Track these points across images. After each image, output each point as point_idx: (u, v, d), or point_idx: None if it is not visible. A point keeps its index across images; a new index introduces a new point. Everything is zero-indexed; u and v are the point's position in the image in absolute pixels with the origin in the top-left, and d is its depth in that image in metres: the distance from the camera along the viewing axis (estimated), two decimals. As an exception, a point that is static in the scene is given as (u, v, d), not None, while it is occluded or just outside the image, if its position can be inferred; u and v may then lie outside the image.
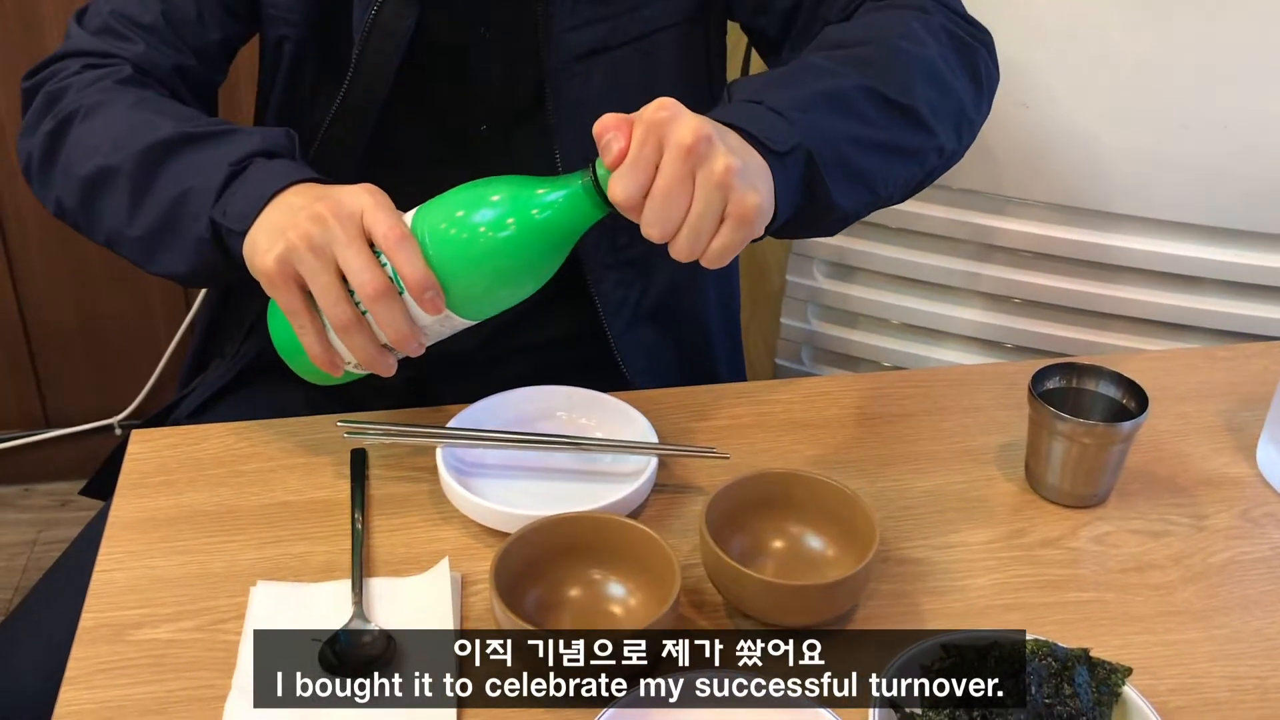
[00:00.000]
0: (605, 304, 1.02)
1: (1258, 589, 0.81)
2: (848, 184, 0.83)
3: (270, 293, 0.77)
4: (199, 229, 0.83)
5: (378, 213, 0.75)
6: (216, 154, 0.84)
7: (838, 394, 0.99)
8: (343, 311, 0.75)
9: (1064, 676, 0.68)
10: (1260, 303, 1.32)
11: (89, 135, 0.89)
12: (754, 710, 0.68)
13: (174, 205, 0.84)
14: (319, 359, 0.78)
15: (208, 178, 0.83)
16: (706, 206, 0.72)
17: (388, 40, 0.91)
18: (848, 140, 0.83)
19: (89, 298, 1.82)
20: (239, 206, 0.81)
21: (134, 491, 0.86)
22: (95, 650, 0.74)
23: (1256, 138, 1.25)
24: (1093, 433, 0.84)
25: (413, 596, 0.77)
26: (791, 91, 0.82)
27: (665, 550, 0.74)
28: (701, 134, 0.71)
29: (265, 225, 0.78)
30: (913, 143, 0.88)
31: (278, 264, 0.75)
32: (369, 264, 0.74)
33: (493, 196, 0.75)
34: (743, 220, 0.73)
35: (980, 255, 1.41)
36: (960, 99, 0.90)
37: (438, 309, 0.75)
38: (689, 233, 0.72)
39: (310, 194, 0.78)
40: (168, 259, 0.86)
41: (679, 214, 0.72)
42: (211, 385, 1.03)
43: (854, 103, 0.84)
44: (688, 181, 0.71)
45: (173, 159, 0.85)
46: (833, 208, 0.83)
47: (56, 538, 1.87)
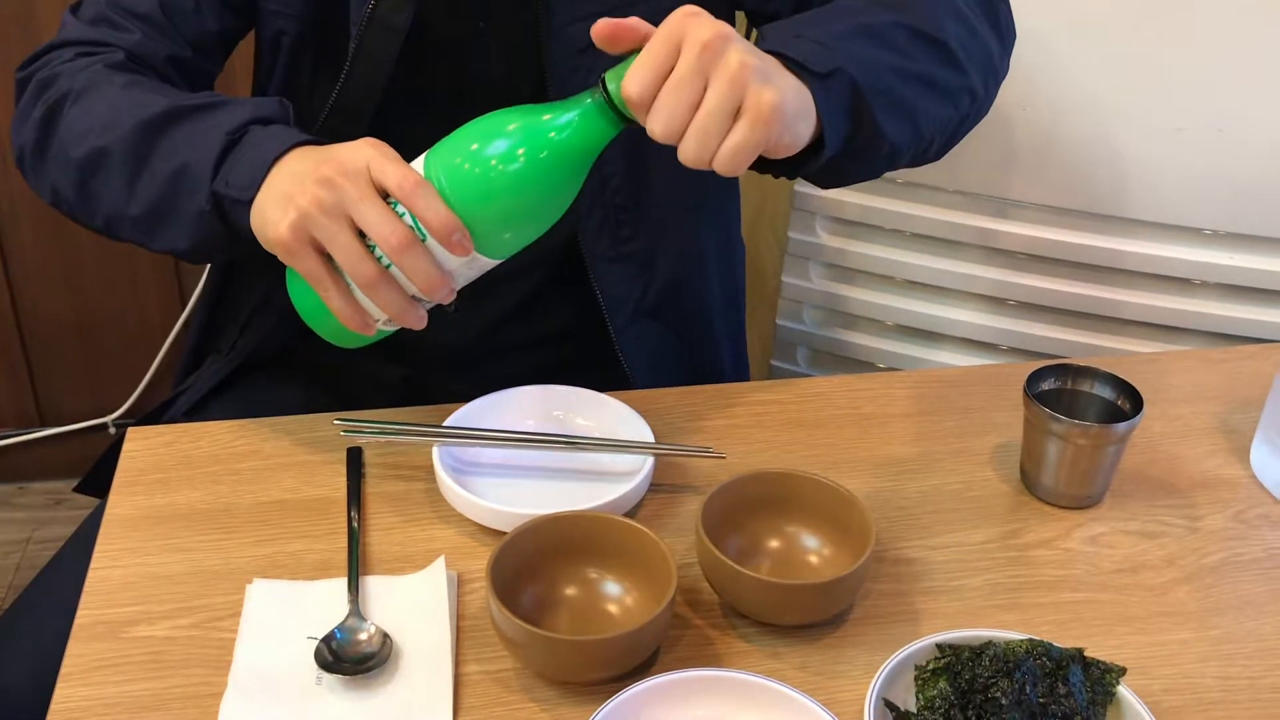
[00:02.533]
0: (607, 299, 1.01)
1: (1251, 590, 0.81)
2: (893, 114, 0.81)
3: (289, 262, 0.76)
4: (199, 202, 0.81)
5: (386, 163, 0.74)
6: (211, 124, 0.83)
7: (833, 394, 0.99)
8: (368, 268, 0.74)
9: (1058, 676, 0.68)
10: (1255, 305, 1.33)
11: (81, 118, 0.88)
12: (750, 709, 0.68)
13: (172, 180, 0.83)
14: (350, 320, 0.77)
15: (204, 149, 0.82)
16: (719, 102, 0.69)
17: (386, 34, 0.91)
18: (888, 70, 0.81)
19: (83, 295, 1.82)
20: (241, 175, 0.80)
21: (130, 489, 0.86)
22: (91, 647, 0.74)
23: (1251, 141, 1.25)
24: (1087, 434, 0.84)
25: (409, 595, 0.78)
26: (827, 26, 0.81)
27: (661, 549, 0.74)
28: (721, 31, 0.69)
29: (272, 194, 0.77)
30: (948, 79, 0.86)
31: (292, 232, 0.74)
32: (387, 216, 0.73)
33: (504, 128, 0.74)
34: (758, 117, 0.69)
35: (976, 257, 1.41)
36: (986, 44, 0.90)
37: (466, 250, 0.74)
38: (697, 130, 0.69)
39: (312, 157, 0.77)
40: (169, 235, 0.85)
41: (687, 109, 0.69)
42: (208, 382, 1.03)
43: (891, 36, 0.83)
44: (700, 77, 0.69)
45: (167, 133, 0.84)
46: (881, 138, 0.81)
47: (50, 536, 1.86)
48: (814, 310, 1.54)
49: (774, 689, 0.68)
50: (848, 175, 0.86)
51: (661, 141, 0.71)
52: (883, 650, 0.72)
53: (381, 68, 0.92)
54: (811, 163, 0.78)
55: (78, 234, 1.76)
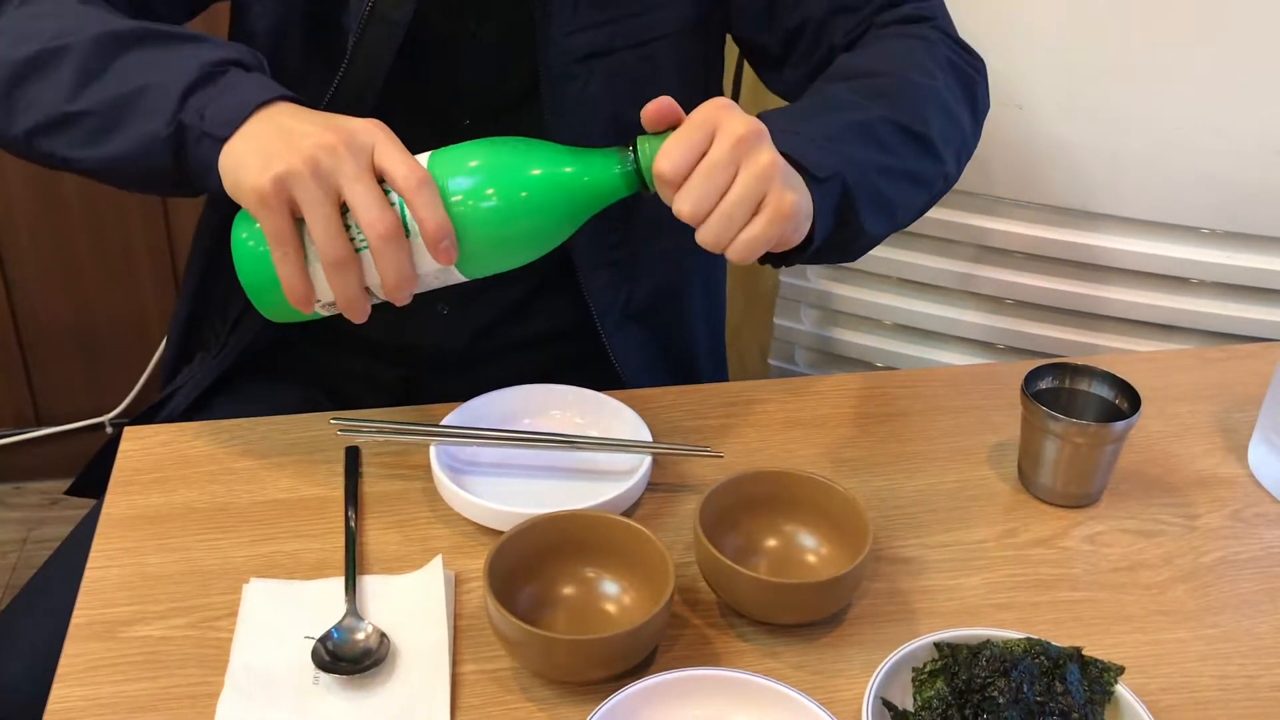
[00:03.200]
0: (596, 303, 1.02)
1: (1248, 588, 0.81)
2: (876, 211, 0.86)
3: (257, 213, 0.73)
4: (156, 124, 0.77)
5: (395, 152, 0.73)
6: (187, 53, 0.79)
7: (831, 393, 0.99)
8: (340, 246, 0.72)
9: (1055, 674, 0.68)
10: (1252, 304, 1.33)
11: (27, 23, 0.83)
12: (748, 708, 0.68)
13: (130, 97, 0.79)
14: (294, 291, 0.74)
15: (175, 74, 0.78)
16: (745, 193, 0.72)
17: (385, 29, 0.90)
18: (876, 170, 0.86)
19: (80, 295, 1.82)
20: (219, 112, 0.76)
21: (126, 489, 0.86)
22: (87, 647, 0.74)
23: (1249, 140, 1.25)
24: (1085, 433, 0.84)
25: (406, 594, 0.77)
26: (823, 122, 0.85)
27: (659, 548, 0.74)
28: (755, 128, 0.73)
29: (255, 142, 0.74)
30: (928, 171, 0.91)
31: (274, 185, 0.71)
32: (380, 201, 0.71)
33: (524, 159, 0.74)
34: (778, 214, 0.73)
35: (973, 256, 1.41)
36: (963, 128, 0.94)
37: (450, 259, 0.73)
38: (721, 217, 0.72)
39: (314, 119, 0.75)
40: (104, 147, 0.80)
41: (715, 196, 0.72)
42: (202, 381, 1.03)
43: (879, 134, 0.87)
44: (731, 168, 0.72)
45: (133, 50, 0.80)
46: (862, 233, 0.86)
47: (47, 536, 1.86)
48: (811, 309, 1.54)
49: (772, 688, 0.68)
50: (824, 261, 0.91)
51: (685, 221, 0.73)
52: (880, 649, 0.72)
53: (380, 63, 0.91)
54: (796, 256, 0.82)
55: (75, 234, 1.76)
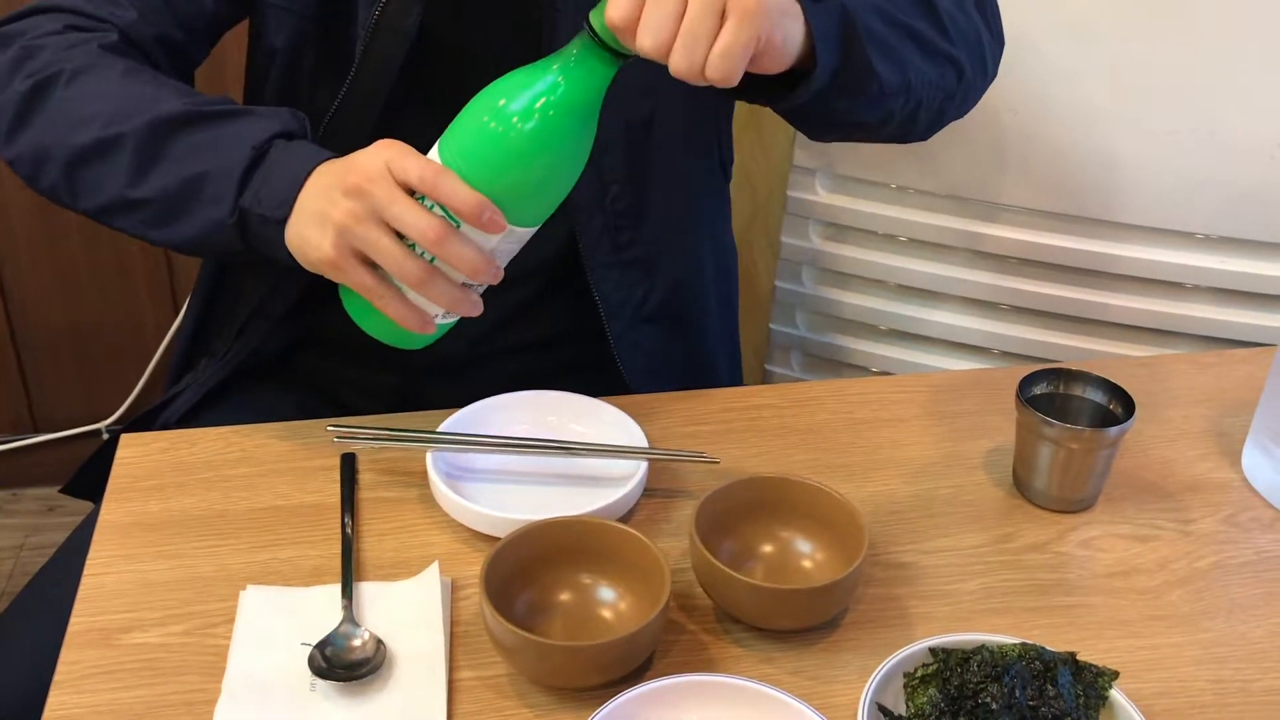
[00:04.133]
0: (606, 304, 1.01)
1: (1243, 593, 0.81)
2: (881, 53, 0.81)
3: (338, 279, 0.78)
4: (220, 212, 0.82)
5: (404, 160, 0.75)
6: (234, 134, 0.84)
7: (826, 399, 0.99)
8: (413, 266, 0.75)
9: (1047, 678, 0.68)
10: (1246, 309, 1.33)
11: (79, 103, 0.86)
12: (744, 714, 0.68)
13: (191, 183, 0.83)
14: (409, 322, 0.78)
15: (229, 160, 0.82)
16: (701, 5, 0.69)
17: (393, 37, 0.91)
18: (875, 10, 0.82)
19: (76, 302, 1.82)
20: (272, 194, 0.81)
21: (123, 495, 0.86)
22: (84, 654, 0.74)
23: (1243, 144, 1.26)
24: (1080, 438, 0.84)
25: (403, 601, 0.77)
26: None
27: (655, 554, 0.74)
28: None
29: (305, 215, 0.79)
30: (935, 41, 0.87)
31: (335, 249, 0.76)
32: (419, 212, 0.74)
33: (504, 94, 0.74)
34: (744, 13, 0.69)
35: (968, 261, 1.42)
36: (975, 26, 0.91)
37: (499, 226, 0.75)
38: (685, 37, 0.69)
39: (334, 171, 0.79)
40: (173, 232, 0.85)
41: (672, 18, 0.69)
42: (203, 386, 1.03)
43: None
44: None
45: (185, 134, 0.84)
46: (872, 73, 0.81)
47: (43, 542, 1.86)
48: (807, 315, 1.54)
49: (768, 694, 0.68)
50: (838, 114, 0.85)
51: (652, 57, 0.70)
52: (876, 655, 0.72)
53: (387, 71, 0.92)
54: (802, 90, 0.78)
55: (72, 240, 1.76)
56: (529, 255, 0.98)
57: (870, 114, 0.85)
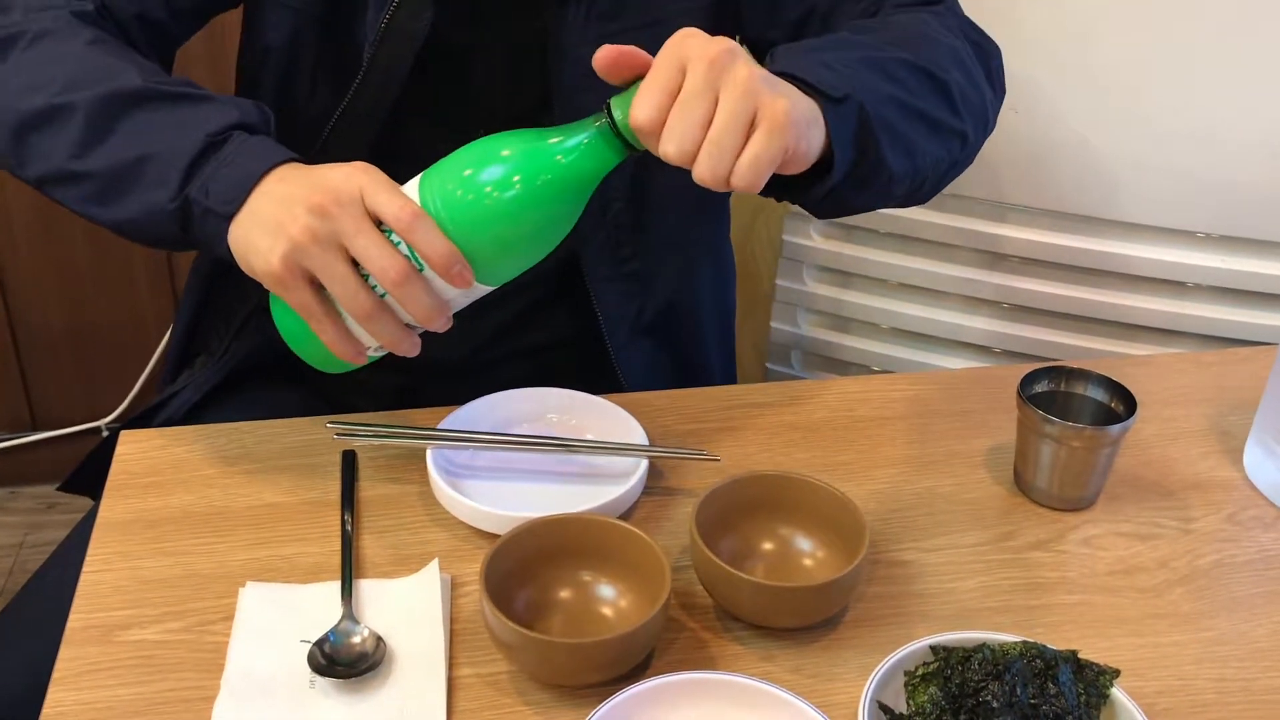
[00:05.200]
0: (607, 316, 1.01)
1: (1244, 591, 0.81)
2: (895, 146, 0.80)
3: (279, 293, 0.74)
4: (163, 197, 0.78)
5: (381, 193, 0.72)
6: (190, 119, 0.79)
7: (827, 397, 0.99)
8: (364, 300, 0.72)
9: (1048, 676, 0.68)
10: (1247, 308, 1.33)
11: (35, 68, 0.83)
12: (744, 712, 0.68)
13: (137, 164, 0.79)
14: (342, 352, 0.75)
15: (180, 144, 0.78)
16: (731, 114, 0.67)
17: (403, 41, 0.89)
18: (892, 102, 0.81)
19: (76, 299, 1.82)
20: (222, 188, 0.76)
21: (122, 492, 0.86)
22: (83, 651, 0.74)
23: (1245, 144, 1.26)
24: (1081, 436, 0.84)
25: (402, 598, 0.77)
26: (836, 51, 0.81)
27: (655, 552, 0.74)
28: (725, 46, 0.68)
29: (258, 219, 0.75)
30: (946, 120, 0.86)
31: (284, 264, 0.72)
32: (385, 249, 0.71)
33: (503, 153, 0.72)
34: (774, 124, 0.68)
35: (969, 260, 1.42)
36: (982, 94, 0.91)
37: (467, 283, 0.72)
38: (711, 145, 0.67)
39: (300, 181, 0.74)
40: (112, 211, 0.81)
41: (699, 126, 0.67)
42: (202, 385, 1.03)
43: (897, 71, 0.82)
44: (709, 93, 0.67)
45: (139, 111, 0.80)
46: (883, 166, 0.80)
47: (43, 540, 1.86)
48: (808, 313, 1.54)
49: (768, 692, 0.68)
50: (847, 204, 0.85)
51: (675, 163, 0.68)
52: (877, 653, 0.72)
53: (395, 75, 0.90)
54: (818, 187, 0.77)
55: (71, 238, 1.76)
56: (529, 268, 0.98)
57: (877, 202, 0.86)
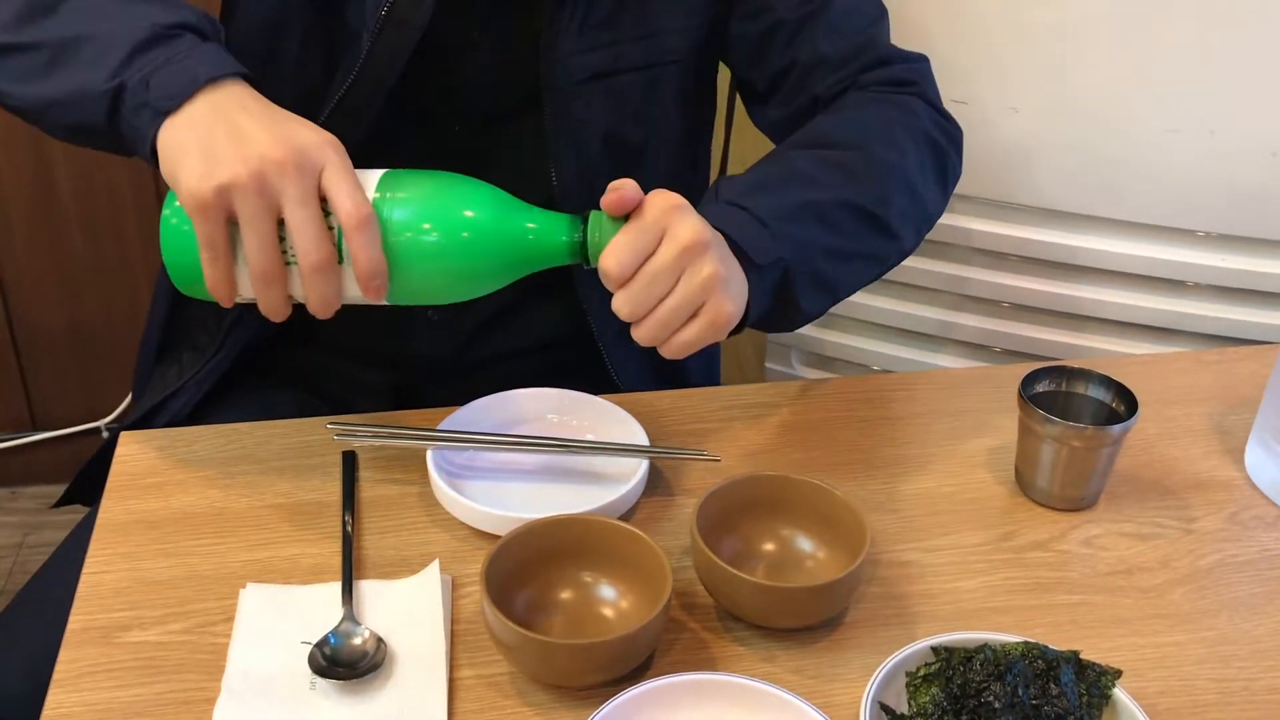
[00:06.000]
0: (596, 316, 1.02)
1: (1245, 591, 0.81)
2: (815, 292, 0.89)
3: (192, 215, 0.71)
4: (95, 79, 0.75)
5: (343, 182, 0.71)
6: (139, 10, 0.77)
7: (828, 397, 0.99)
8: (271, 261, 0.71)
9: (1050, 676, 0.68)
10: (1248, 307, 1.33)
11: None
12: (745, 713, 0.68)
13: (73, 42, 0.77)
14: (217, 289, 0.73)
15: (123, 29, 0.75)
16: (683, 301, 0.74)
17: (401, 33, 0.89)
18: (822, 253, 0.88)
19: (75, 300, 1.82)
20: (165, 82, 0.74)
21: (122, 493, 0.86)
22: (83, 653, 0.74)
23: (1243, 143, 1.25)
24: (1082, 436, 0.84)
25: (403, 599, 0.77)
26: (777, 199, 0.87)
27: (656, 552, 0.74)
28: (702, 238, 0.74)
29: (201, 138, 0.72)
30: (881, 250, 0.93)
31: (215, 194, 0.69)
32: (318, 231, 0.70)
33: (473, 204, 0.74)
34: (713, 324, 0.75)
35: (970, 260, 1.42)
36: (926, 203, 0.96)
37: (379, 297, 0.74)
38: (657, 322, 0.74)
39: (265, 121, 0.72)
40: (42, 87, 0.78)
41: (654, 301, 0.74)
42: (202, 384, 1.02)
43: (833, 216, 0.89)
44: (674, 275, 0.74)
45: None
46: (798, 313, 0.89)
47: (43, 541, 1.86)
48: (808, 313, 1.54)
49: (769, 692, 0.68)
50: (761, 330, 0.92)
51: (624, 319, 0.75)
52: (878, 653, 0.72)
53: (392, 67, 0.90)
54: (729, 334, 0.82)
55: (71, 239, 1.76)
56: None
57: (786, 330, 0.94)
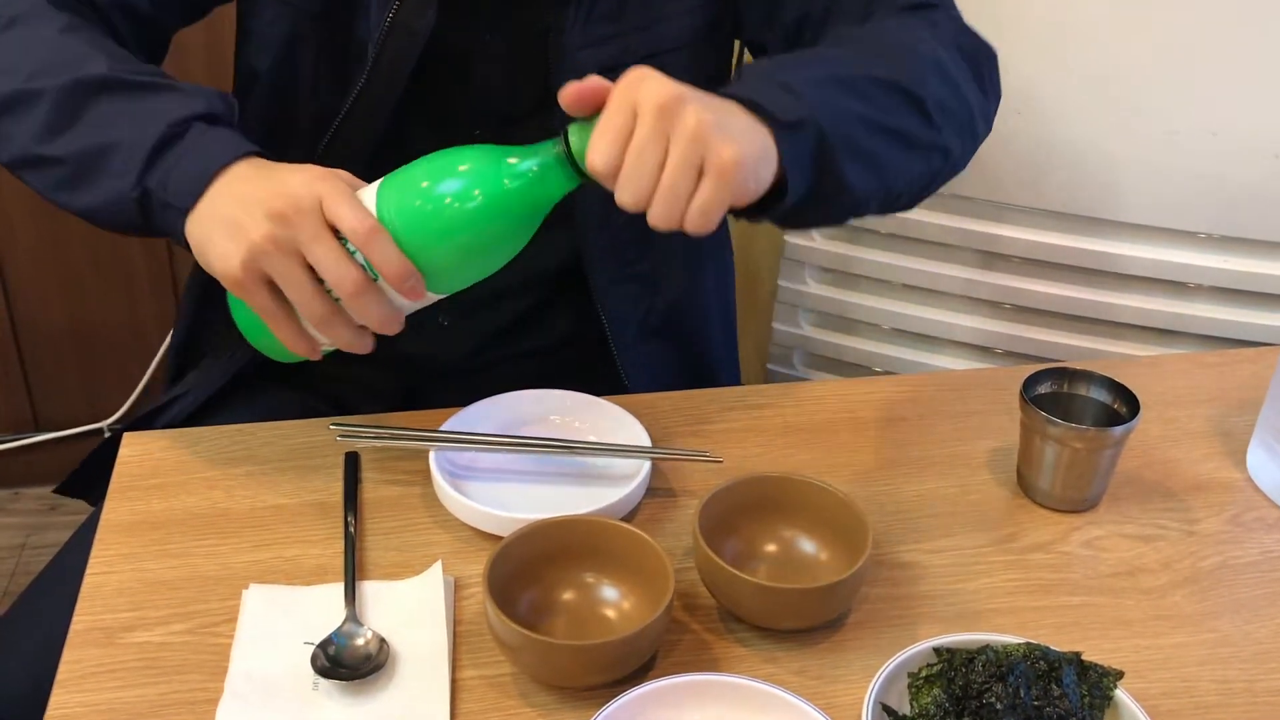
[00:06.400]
0: (612, 318, 1.01)
1: (1247, 593, 0.81)
2: (859, 165, 0.80)
3: (239, 295, 0.76)
4: (122, 186, 0.79)
5: (340, 205, 0.72)
6: (153, 109, 0.80)
7: (830, 398, 0.99)
8: (319, 306, 0.74)
9: (1052, 677, 0.68)
10: (1249, 309, 1.33)
11: (6, 52, 0.84)
12: (747, 713, 0.68)
13: (101, 153, 0.80)
14: (298, 349, 0.77)
15: (141, 132, 0.79)
16: (680, 163, 0.69)
17: (406, 39, 0.89)
18: (858, 120, 0.80)
19: (78, 301, 1.82)
20: (179, 181, 0.77)
21: (126, 494, 0.86)
22: (86, 653, 0.74)
23: (1245, 144, 1.26)
24: (1084, 437, 0.84)
25: (406, 600, 0.77)
26: (803, 70, 0.80)
27: (659, 553, 0.74)
28: (673, 93, 0.69)
29: (218, 217, 0.75)
30: (921, 135, 0.85)
31: (245, 269, 0.73)
32: (342, 259, 0.72)
33: (460, 168, 0.73)
34: (721, 172, 0.69)
35: (971, 261, 1.42)
36: (969, 104, 0.90)
37: (419, 295, 0.74)
38: (664, 193, 0.69)
39: (260, 182, 0.75)
40: (78, 198, 0.82)
41: (652, 174, 0.69)
42: (207, 388, 1.02)
43: (864, 88, 0.82)
44: (660, 141, 0.69)
45: (103, 100, 0.81)
46: (844, 188, 0.80)
47: (45, 542, 1.86)
48: (810, 314, 1.54)
49: (771, 693, 0.68)
50: (811, 221, 0.85)
51: (630, 210, 0.70)
52: (880, 654, 0.72)
53: (399, 74, 0.91)
54: (774, 207, 0.77)
55: (74, 240, 1.76)
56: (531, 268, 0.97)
57: (842, 218, 0.86)
